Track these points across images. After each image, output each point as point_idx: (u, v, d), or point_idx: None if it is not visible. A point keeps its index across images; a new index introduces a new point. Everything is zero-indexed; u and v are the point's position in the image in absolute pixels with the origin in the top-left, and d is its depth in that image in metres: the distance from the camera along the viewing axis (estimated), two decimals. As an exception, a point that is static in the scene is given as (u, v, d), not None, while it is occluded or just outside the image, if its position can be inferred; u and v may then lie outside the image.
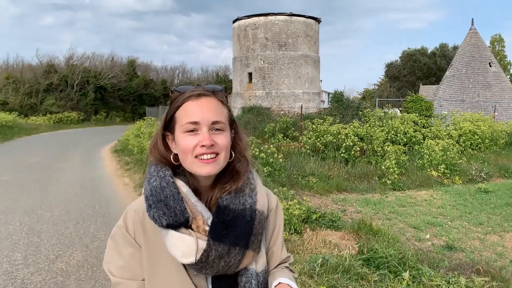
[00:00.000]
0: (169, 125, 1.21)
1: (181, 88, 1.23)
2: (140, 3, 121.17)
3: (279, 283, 1.26)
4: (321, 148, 12.46)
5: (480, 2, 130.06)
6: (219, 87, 1.26)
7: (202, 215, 1.15)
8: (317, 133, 12.92)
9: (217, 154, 1.15)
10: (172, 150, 1.21)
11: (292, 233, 5.66)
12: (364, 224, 5.99)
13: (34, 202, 8.25)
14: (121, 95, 47.47)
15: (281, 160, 10.67)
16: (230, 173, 1.23)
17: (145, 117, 19.08)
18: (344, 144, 12.06)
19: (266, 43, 27.29)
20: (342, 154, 12.08)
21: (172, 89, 1.24)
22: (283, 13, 27.39)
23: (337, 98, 20.32)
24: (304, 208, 6.16)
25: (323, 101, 41.97)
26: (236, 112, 26.76)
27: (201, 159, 1.13)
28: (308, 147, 12.61)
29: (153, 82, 53.96)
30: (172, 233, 1.11)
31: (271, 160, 10.36)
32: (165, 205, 1.10)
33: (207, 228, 1.14)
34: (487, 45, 29.51)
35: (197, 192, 1.20)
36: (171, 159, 1.20)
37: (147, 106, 44.85)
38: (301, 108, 16.25)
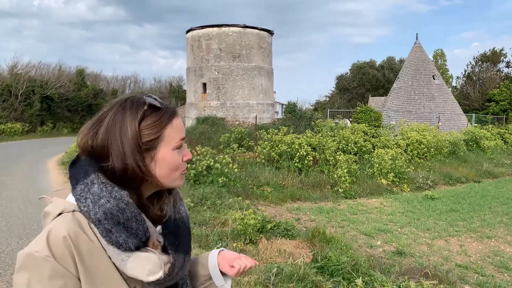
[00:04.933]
0: (151, 143, 1.09)
1: (160, 103, 1.13)
2: (91, 12, 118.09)
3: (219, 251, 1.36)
4: (276, 158, 12.56)
5: (423, 19, 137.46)
6: None
7: (152, 229, 1.12)
8: (272, 143, 13.01)
9: None
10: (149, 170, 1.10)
11: (247, 243, 5.62)
12: (318, 232, 6.06)
13: (-28, 218, 7.70)
14: (69, 106, 45.75)
15: (236, 170, 10.64)
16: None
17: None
18: (298, 153, 12.21)
19: (220, 54, 27.33)
20: (296, 164, 12.22)
21: (150, 103, 1.10)
22: (236, 24, 27.57)
23: (291, 109, 20.61)
24: (259, 218, 6.15)
25: (277, 112, 42.49)
26: (190, 122, 26.51)
27: (183, 172, 1.16)
28: (263, 157, 12.66)
29: (103, 92, 52.46)
30: (137, 254, 1.05)
31: (226, 170, 10.32)
32: (125, 228, 1.03)
33: (158, 242, 1.13)
34: (431, 59, 31.13)
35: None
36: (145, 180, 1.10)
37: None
38: (256, 118, 16.34)
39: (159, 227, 1.16)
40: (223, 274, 1.34)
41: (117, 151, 1.05)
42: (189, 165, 10.40)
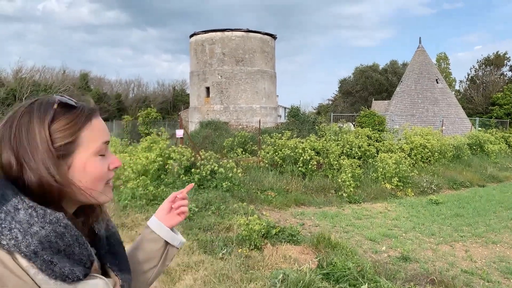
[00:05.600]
0: (65, 148, 0.93)
1: (74, 101, 0.97)
2: (93, 16, 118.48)
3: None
4: (279, 162, 12.57)
5: (425, 22, 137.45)
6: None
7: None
8: (275, 148, 13.03)
9: None
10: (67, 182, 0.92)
11: (252, 249, 5.62)
12: (323, 238, 6.06)
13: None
14: (73, 110, 45.97)
15: (240, 174, 10.66)
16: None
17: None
18: (302, 158, 12.23)
19: (223, 58, 27.40)
20: (299, 168, 12.22)
21: (58, 100, 0.95)
22: (239, 29, 27.64)
23: (294, 113, 20.65)
24: (264, 223, 6.15)
25: (280, 116, 42.51)
26: (194, 126, 26.56)
27: (110, 184, 0.99)
28: (266, 161, 12.67)
29: (106, 96, 52.67)
30: (85, 283, 0.89)
31: (230, 175, 10.33)
32: (67, 255, 0.87)
33: (96, 263, 0.98)
34: (434, 63, 31.12)
35: None
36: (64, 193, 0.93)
37: (101, 121, 43.60)
38: (259, 122, 16.36)
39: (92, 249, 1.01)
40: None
41: (29, 162, 0.88)
42: (193, 169, 10.42)
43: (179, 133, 12.93)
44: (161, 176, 10.42)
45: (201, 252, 5.48)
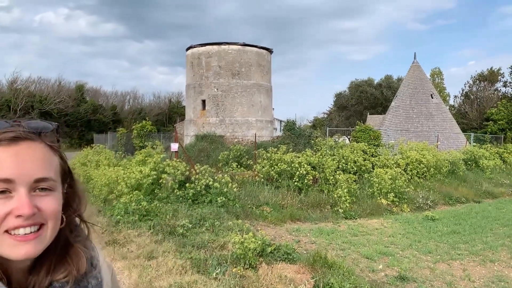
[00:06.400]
0: None
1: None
2: (91, 28, 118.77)
3: None
4: (275, 177, 12.47)
5: (420, 37, 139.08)
6: (48, 125, 0.88)
7: None
8: (271, 162, 12.94)
9: (41, 225, 0.80)
10: None
11: (247, 268, 5.50)
12: (319, 257, 5.94)
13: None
14: (68, 121, 45.86)
15: (235, 189, 10.54)
16: (63, 248, 0.88)
17: (93, 144, 18.38)
18: (298, 172, 12.14)
19: (219, 71, 27.44)
20: (295, 183, 12.13)
21: None
22: (236, 42, 27.74)
23: (290, 127, 20.64)
24: (259, 241, 6.03)
25: (276, 129, 42.53)
26: (189, 139, 26.46)
27: (14, 234, 0.77)
28: (262, 175, 12.57)
29: (102, 108, 52.58)
30: None
31: (225, 189, 10.22)
32: None
33: None
34: (429, 78, 31.35)
35: (7, 279, 0.81)
36: None
37: (95, 133, 43.58)
38: (255, 136, 16.30)
39: None
40: None
41: None
42: (187, 184, 10.28)
43: (174, 146, 12.85)
44: (155, 191, 10.28)
45: (194, 271, 5.35)
